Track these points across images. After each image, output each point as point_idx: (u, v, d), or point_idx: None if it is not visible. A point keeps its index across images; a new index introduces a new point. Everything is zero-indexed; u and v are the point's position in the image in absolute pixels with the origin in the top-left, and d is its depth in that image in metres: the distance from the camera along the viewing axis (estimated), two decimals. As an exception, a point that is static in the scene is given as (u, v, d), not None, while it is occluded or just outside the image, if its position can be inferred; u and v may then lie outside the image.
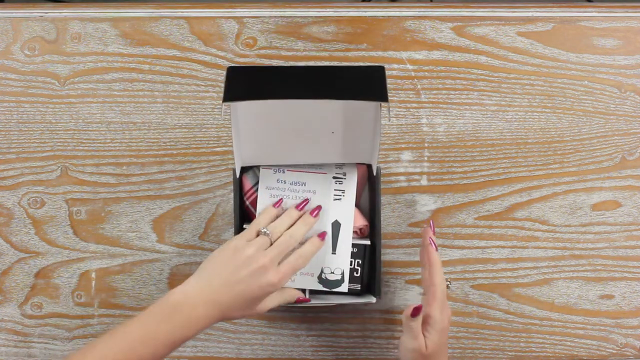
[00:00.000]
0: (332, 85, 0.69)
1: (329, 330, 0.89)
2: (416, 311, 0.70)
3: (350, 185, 0.78)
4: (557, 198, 0.89)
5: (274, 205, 0.77)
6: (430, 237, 0.73)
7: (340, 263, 0.78)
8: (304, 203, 0.77)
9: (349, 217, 0.78)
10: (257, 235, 0.73)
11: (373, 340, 0.89)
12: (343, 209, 0.78)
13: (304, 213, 0.76)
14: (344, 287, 0.79)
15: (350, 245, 0.78)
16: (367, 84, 0.69)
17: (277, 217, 0.76)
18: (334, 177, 0.79)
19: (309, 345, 0.89)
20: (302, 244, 0.74)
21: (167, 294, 0.69)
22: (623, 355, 0.89)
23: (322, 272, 0.78)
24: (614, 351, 0.89)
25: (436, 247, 0.73)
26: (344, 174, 0.79)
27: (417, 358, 0.71)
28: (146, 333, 0.67)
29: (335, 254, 0.78)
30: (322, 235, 0.76)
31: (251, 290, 0.69)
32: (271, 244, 0.72)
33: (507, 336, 0.89)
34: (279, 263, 0.71)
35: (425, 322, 0.71)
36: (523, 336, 0.89)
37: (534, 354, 0.89)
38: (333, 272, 0.78)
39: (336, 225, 0.77)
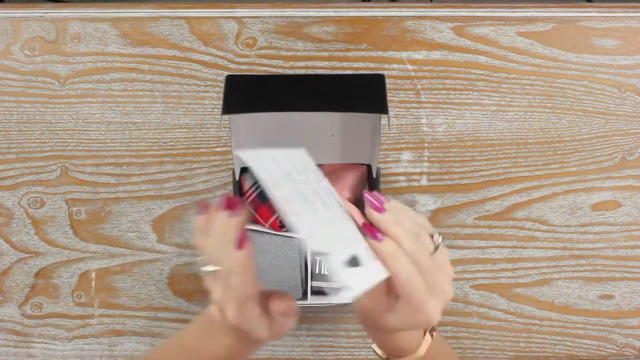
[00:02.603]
0: (332, 96, 0.69)
1: (329, 330, 0.88)
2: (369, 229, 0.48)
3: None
4: (557, 198, 0.89)
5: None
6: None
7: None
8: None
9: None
10: None
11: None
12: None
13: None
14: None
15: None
16: (367, 94, 0.69)
17: None
18: None
19: (309, 345, 0.89)
20: None
21: None
22: (623, 355, 0.89)
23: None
24: (614, 351, 0.89)
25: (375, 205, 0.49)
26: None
27: (364, 318, 0.55)
28: None
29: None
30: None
31: None
32: None
33: (507, 336, 0.89)
34: None
35: None
36: (523, 336, 0.89)
37: (534, 354, 0.89)
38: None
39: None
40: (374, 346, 0.59)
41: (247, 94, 0.69)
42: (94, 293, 0.88)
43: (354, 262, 0.47)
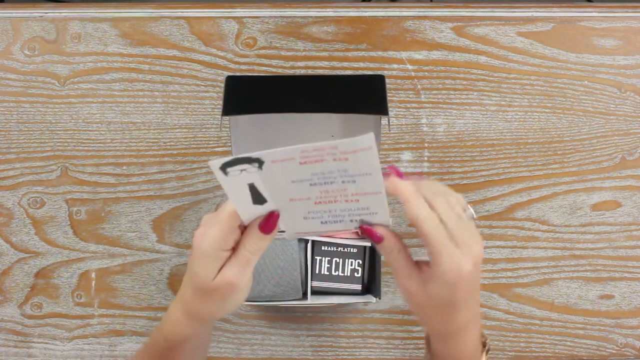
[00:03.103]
0: (332, 97, 0.69)
1: (329, 330, 0.89)
2: (370, 233, 0.54)
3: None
4: (557, 198, 0.89)
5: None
6: (389, 169, 0.55)
7: None
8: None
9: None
10: None
11: (373, 340, 0.89)
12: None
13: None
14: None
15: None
16: (367, 95, 0.69)
17: None
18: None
19: (309, 345, 0.89)
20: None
21: None
22: (623, 355, 0.89)
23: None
24: (614, 351, 0.89)
25: (400, 173, 0.54)
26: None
27: (416, 306, 0.55)
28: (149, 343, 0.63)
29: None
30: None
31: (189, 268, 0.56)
32: None
33: (507, 336, 0.89)
34: None
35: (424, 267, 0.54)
36: (523, 336, 0.89)
37: (534, 354, 0.89)
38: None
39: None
40: None
41: (248, 95, 0.69)
42: (94, 293, 0.88)
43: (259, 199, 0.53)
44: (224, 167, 0.50)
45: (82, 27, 0.88)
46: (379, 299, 0.78)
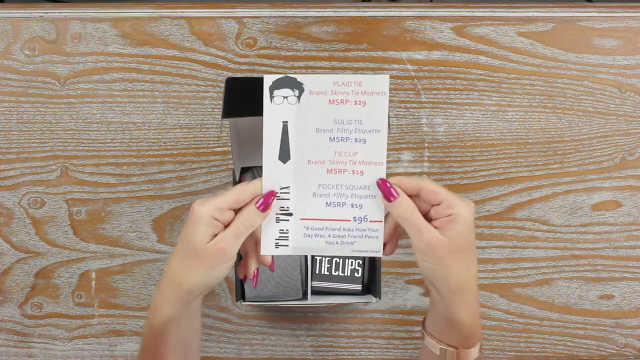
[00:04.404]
0: None
1: (329, 330, 0.89)
2: (385, 187, 0.59)
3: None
4: (557, 198, 0.89)
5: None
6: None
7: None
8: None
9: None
10: None
11: (373, 340, 0.89)
12: None
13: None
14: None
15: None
16: None
17: None
18: None
19: (309, 345, 0.89)
20: None
21: None
22: (623, 355, 0.89)
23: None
24: (614, 351, 0.89)
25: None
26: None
27: (438, 259, 0.58)
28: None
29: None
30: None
31: (183, 237, 0.59)
32: None
33: (507, 336, 0.89)
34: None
35: (436, 215, 0.58)
36: (523, 336, 0.89)
37: (534, 354, 0.89)
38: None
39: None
40: (443, 345, 0.62)
41: (248, 96, 0.69)
42: (94, 293, 0.88)
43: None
44: (273, 87, 0.59)
45: (82, 27, 0.88)
46: (379, 299, 0.78)
